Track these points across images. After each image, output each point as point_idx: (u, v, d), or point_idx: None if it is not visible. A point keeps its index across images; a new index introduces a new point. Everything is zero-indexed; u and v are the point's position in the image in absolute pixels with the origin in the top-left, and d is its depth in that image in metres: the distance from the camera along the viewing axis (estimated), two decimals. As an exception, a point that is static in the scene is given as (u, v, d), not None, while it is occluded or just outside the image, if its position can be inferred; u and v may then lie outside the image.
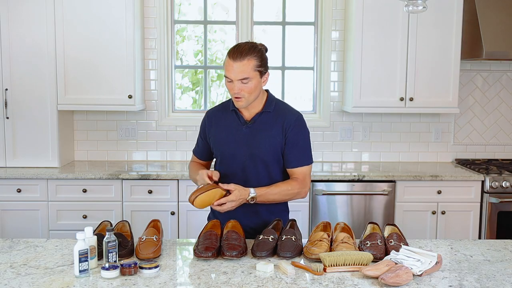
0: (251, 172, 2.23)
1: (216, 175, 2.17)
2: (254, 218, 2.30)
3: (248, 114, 2.28)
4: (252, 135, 2.25)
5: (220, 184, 2.14)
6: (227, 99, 2.41)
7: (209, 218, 2.45)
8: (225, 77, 2.18)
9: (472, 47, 3.95)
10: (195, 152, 2.49)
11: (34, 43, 3.67)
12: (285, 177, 2.33)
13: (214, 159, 2.43)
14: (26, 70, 3.68)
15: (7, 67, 3.67)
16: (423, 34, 3.84)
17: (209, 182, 2.13)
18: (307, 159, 2.29)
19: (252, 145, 2.25)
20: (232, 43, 4.31)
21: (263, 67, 2.18)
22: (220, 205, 2.11)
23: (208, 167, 2.49)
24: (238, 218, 2.25)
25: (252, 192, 2.16)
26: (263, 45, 2.22)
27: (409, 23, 3.83)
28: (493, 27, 3.86)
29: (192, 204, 2.09)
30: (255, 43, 2.22)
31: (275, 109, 2.28)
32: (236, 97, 2.18)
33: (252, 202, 2.17)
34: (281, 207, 2.39)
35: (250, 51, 2.14)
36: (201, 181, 2.16)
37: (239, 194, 2.12)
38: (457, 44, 3.87)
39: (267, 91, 2.33)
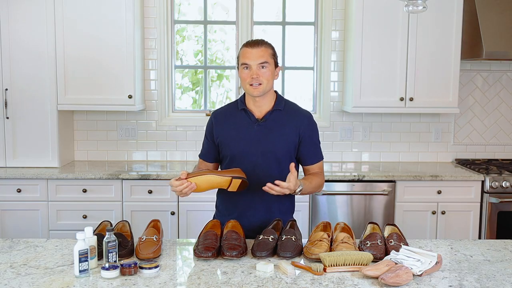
0: (262, 169, 2.24)
1: (184, 174, 2.12)
2: (265, 215, 2.31)
3: (258, 112, 2.30)
4: (265, 133, 2.27)
5: (292, 165, 2.13)
6: (227, 99, 2.42)
7: (215, 217, 2.45)
8: (242, 64, 2.23)
9: (472, 47, 3.95)
10: (201, 155, 2.45)
11: (34, 43, 3.67)
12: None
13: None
14: (26, 70, 3.68)
15: (7, 67, 3.67)
16: (423, 34, 3.84)
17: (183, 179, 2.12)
18: (322, 155, 2.41)
19: (265, 142, 2.26)
20: (232, 43, 4.31)
21: (276, 59, 2.29)
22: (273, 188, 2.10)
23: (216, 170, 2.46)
24: (250, 215, 2.28)
25: (301, 185, 2.19)
26: None
27: (409, 23, 3.83)
28: (493, 27, 3.86)
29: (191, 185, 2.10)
30: None
31: (286, 107, 2.33)
32: (252, 84, 2.21)
33: (298, 194, 2.21)
34: (289, 207, 2.41)
35: (264, 41, 2.29)
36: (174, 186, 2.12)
37: (295, 183, 2.12)
38: (457, 44, 3.87)
39: (275, 91, 2.36)
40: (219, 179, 2.14)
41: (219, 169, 2.44)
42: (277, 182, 2.09)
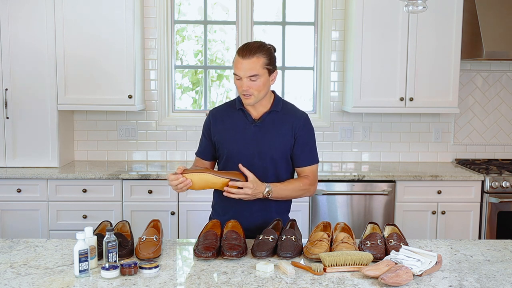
0: (258, 170, 2.23)
1: (180, 168, 2.16)
2: (262, 215, 2.31)
3: (256, 113, 2.30)
4: (261, 133, 2.27)
5: (240, 165, 2.15)
6: (227, 99, 2.42)
7: (210, 218, 2.45)
8: (234, 74, 2.21)
9: (472, 47, 3.95)
10: (198, 153, 2.45)
11: (34, 43, 3.67)
12: (291, 176, 2.37)
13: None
14: (26, 70, 3.68)
15: (7, 67, 3.67)
16: (423, 34, 3.84)
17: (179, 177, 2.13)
18: (316, 158, 2.36)
19: (261, 143, 2.26)
20: (232, 43, 4.31)
21: (271, 66, 2.22)
22: (232, 191, 2.12)
23: (212, 169, 2.46)
24: (247, 215, 2.27)
25: (268, 186, 2.19)
26: (271, 45, 2.27)
27: (409, 23, 3.83)
28: (493, 27, 3.86)
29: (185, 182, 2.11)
30: (264, 42, 2.25)
31: (283, 108, 2.32)
32: (244, 95, 2.20)
33: (268, 196, 2.20)
34: (286, 207, 2.41)
35: (259, 49, 2.19)
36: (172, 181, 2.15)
37: (256, 185, 2.14)
38: (457, 44, 3.87)
39: (273, 91, 2.35)
40: (215, 179, 2.14)
41: (216, 168, 2.44)
42: (231, 183, 2.11)
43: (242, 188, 2.13)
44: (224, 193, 2.14)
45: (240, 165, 2.16)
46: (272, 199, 2.25)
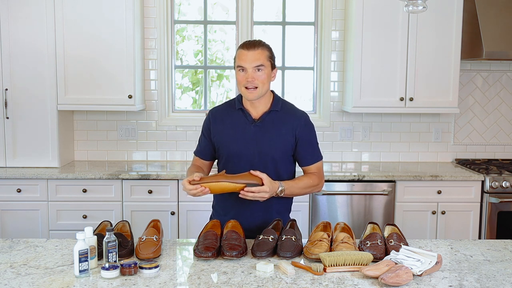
0: (259, 170, 2.22)
1: (197, 176, 2.14)
2: (262, 216, 2.31)
3: (255, 113, 2.30)
4: (262, 133, 2.27)
5: (251, 171, 2.15)
6: (227, 99, 2.41)
7: (211, 218, 2.44)
8: (238, 67, 2.22)
9: (472, 47, 3.95)
10: (197, 152, 2.44)
11: (34, 43, 3.67)
12: (292, 176, 2.38)
13: (216, 160, 2.42)
14: (26, 70, 3.68)
15: (7, 67, 3.67)
16: (423, 34, 3.84)
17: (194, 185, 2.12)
18: (320, 155, 2.39)
19: (261, 143, 2.26)
20: (232, 43, 4.31)
21: (273, 60, 2.27)
22: (248, 195, 2.12)
23: (210, 168, 2.46)
24: (248, 215, 2.27)
25: (281, 185, 2.20)
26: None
27: (409, 23, 3.83)
28: (493, 27, 3.87)
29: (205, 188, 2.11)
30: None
31: (282, 108, 2.32)
32: (248, 88, 2.20)
33: (281, 195, 2.21)
34: (287, 207, 2.42)
35: (261, 43, 2.25)
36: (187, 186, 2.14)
37: (271, 185, 2.15)
38: (457, 44, 3.87)
39: (272, 91, 2.36)
40: (232, 186, 2.13)
41: (215, 168, 2.43)
42: (246, 189, 2.10)
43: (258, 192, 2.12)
44: (240, 195, 2.14)
45: (251, 171, 2.15)
46: (284, 197, 2.26)
